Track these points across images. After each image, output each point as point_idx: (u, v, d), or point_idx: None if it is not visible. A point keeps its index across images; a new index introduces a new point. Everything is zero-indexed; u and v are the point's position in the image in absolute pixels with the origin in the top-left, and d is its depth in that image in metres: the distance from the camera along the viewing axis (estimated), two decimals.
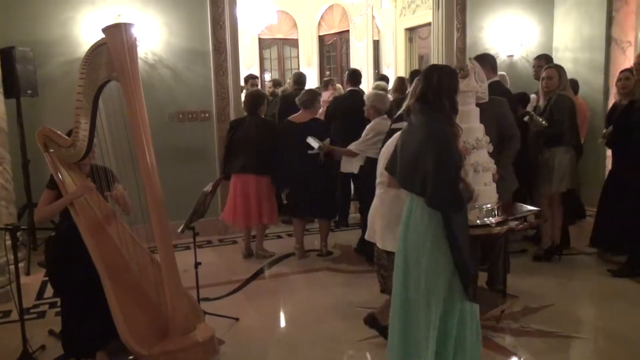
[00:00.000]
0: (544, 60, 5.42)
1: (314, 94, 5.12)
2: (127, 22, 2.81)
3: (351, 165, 4.82)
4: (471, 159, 3.34)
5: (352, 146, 4.69)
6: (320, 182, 4.94)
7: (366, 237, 3.41)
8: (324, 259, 5.07)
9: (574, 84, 5.56)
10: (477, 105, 3.50)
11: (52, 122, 3.54)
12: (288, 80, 9.57)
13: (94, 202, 3.25)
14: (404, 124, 3.97)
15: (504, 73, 5.67)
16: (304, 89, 6.55)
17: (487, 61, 4.41)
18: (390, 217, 3.11)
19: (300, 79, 6.78)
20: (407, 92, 4.82)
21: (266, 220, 5.12)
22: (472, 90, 3.45)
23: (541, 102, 4.78)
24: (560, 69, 4.72)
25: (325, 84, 7.62)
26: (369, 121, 4.73)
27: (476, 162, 3.34)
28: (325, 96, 6.43)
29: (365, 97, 5.06)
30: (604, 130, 4.89)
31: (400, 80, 6.80)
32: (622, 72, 4.98)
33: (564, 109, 4.52)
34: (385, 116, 4.65)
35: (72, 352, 3.14)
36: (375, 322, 3.37)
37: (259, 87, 7.10)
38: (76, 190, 3.15)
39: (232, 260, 5.20)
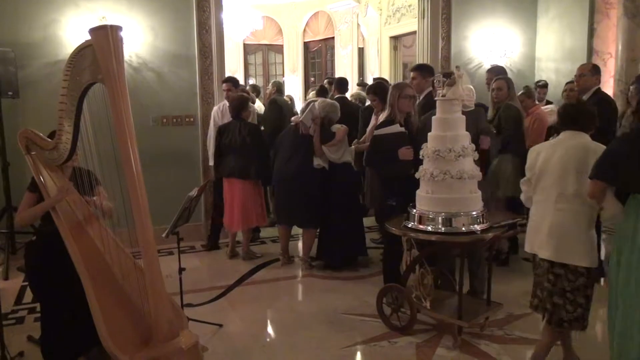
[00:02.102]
0: (494, 73, 5.49)
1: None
2: (113, 24, 2.76)
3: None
4: (456, 167, 3.37)
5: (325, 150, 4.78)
6: (307, 189, 4.84)
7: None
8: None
9: (531, 94, 5.64)
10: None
11: (33, 124, 3.48)
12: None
13: (77, 206, 3.19)
14: (387, 130, 4.02)
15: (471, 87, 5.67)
16: (283, 95, 7.08)
17: (427, 71, 4.51)
18: (588, 230, 2.86)
19: (280, 86, 7.32)
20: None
21: (254, 223, 5.22)
22: (459, 98, 3.47)
23: (490, 112, 4.98)
24: (509, 81, 4.96)
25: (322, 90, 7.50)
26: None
27: (462, 170, 3.36)
28: None
29: (317, 106, 5.00)
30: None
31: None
32: (567, 83, 5.38)
33: (510, 118, 4.78)
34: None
35: (52, 359, 3.07)
36: None
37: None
38: (57, 194, 3.09)
39: (216, 266, 5.16)
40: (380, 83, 5.17)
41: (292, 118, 5.11)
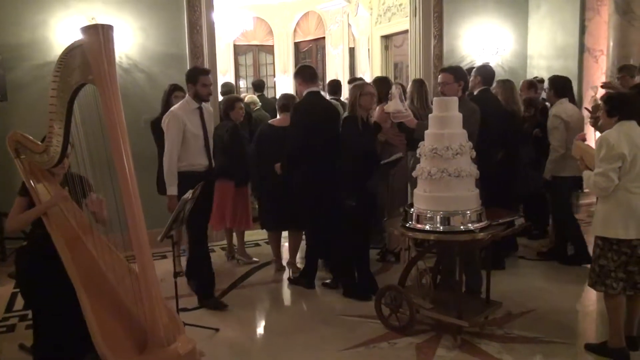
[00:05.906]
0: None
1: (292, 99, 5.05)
2: (105, 24, 2.71)
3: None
4: (454, 165, 3.34)
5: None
6: (289, 191, 4.55)
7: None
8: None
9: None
10: None
11: (22, 127, 3.40)
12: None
13: (69, 210, 3.13)
14: None
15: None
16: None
17: (300, 74, 4.52)
18: None
19: (231, 88, 7.57)
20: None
21: (228, 225, 5.08)
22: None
23: None
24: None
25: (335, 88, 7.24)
26: None
27: (459, 168, 3.33)
28: None
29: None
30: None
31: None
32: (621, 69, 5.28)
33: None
34: None
35: None
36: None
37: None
38: (50, 199, 3.03)
39: None
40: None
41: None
